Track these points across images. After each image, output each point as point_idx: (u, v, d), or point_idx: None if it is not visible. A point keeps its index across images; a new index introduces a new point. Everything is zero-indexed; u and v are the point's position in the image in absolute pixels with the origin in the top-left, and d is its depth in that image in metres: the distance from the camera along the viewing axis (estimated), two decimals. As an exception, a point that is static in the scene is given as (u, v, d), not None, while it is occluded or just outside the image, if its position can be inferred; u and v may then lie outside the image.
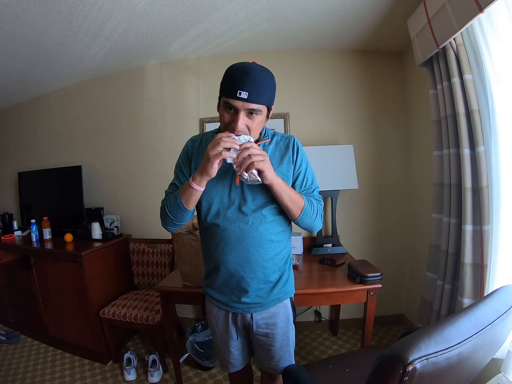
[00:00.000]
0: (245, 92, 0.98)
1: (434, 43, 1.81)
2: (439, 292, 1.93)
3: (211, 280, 1.31)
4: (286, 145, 1.25)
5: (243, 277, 1.21)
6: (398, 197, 2.80)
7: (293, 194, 1.14)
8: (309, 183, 1.27)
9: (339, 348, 2.57)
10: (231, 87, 1.01)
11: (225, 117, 1.07)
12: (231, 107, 1.03)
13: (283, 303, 1.32)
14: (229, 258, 1.20)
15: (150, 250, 2.82)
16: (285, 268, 1.31)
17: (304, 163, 1.27)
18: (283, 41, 2.58)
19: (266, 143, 1.24)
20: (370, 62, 2.74)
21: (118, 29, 2.19)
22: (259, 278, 1.22)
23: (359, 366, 1.64)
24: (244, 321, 1.32)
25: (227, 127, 1.07)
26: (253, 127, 1.07)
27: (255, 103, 1.02)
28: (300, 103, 2.79)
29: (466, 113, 1.69)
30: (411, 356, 0.71)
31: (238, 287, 1.24)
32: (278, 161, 1.22)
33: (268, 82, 1.07)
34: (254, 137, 1.09)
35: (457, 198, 1.80)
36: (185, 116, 2.90)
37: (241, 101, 1.00)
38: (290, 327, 1.36)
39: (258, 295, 1.25)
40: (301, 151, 1.26)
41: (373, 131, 2.77)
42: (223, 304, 1.31)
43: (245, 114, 1.04)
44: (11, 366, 2.49)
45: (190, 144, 1.30)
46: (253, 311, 1.27)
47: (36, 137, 3.41)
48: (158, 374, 2.29)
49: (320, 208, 1.26)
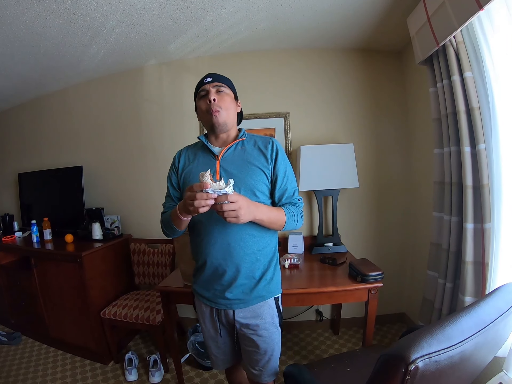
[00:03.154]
0: (209, 78, 1.28)
1: (434, 41, 1.80)
2: (441, 291, 1.92)
3: (198, 276, 1.36)
4: (265, 145, 1.32)
5: (226, 271, 1.25)
6: (399, 196, 2.79)
7: (273, 217, 1.22)
8: (289, 185, 1.33)
9: (340, 347, 2.57)
10: (200, 82, 1.31)
11: (201, 106, 1.29)
12: (203, 92, 1.28)
13: (267, 303, 1.33)
14: (213, 252, 1.25)
15: (151, 250, 2.82)
16: (269, 266, 1.33)
17: (284, 164, 1.32)
18: (282, 40, 2.58)
19: (244, 141, 1.35)
20: (369, 61, 2.74)
21: (117, 29, 2.19)
22: (241, 273, 1.25)
23: (360, 365, 1.64)
24: (228, 318, 1.33)
25: (207, 114, 1.27)
26: (224, 106, 1.26)
27: (219, 82, 1.28)
28: (300, 102, 2.78)
29: (466, 111, 1.69)
30: (413, 355, 0.71)
31: (221, 281, 1.27)
32: (255, 157, 1.29)
33: (225, 77, 1.35)
34: (230, 123, 1.31)
35: (458, 196, 1.80)
36: (185, 116, 2.90)
37: (208, 83, 1.27)
38: (275, 329, 1.35)
39: (241, 291, 1.28)
40: (282, 151, 1.33)
41: (373, 130, 2.77)
42: (207, 300, 1.34)
43: (214, 92, 1.26)
44: (12, 367, 2.49)
45: (177, 156, 1.43)
46: (235, 307, 1.29)
47: (36, 138, 3.41)
48: (159, 374, 2.29)
49: (300, 211, 1.35)
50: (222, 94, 1.27)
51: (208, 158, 1.32)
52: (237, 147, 1.33)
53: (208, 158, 1.32)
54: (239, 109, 1.40)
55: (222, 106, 1.25)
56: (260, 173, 1.26)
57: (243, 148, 1.32)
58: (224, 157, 1.30)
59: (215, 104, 1.23)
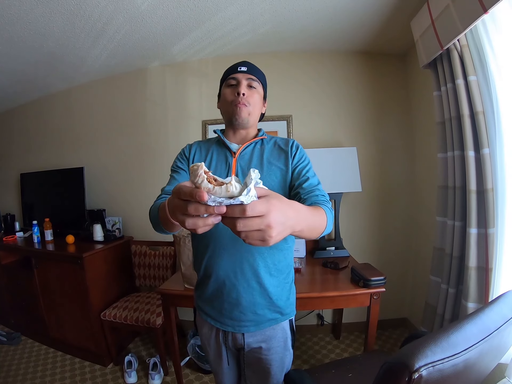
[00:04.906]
0: (245, 67, 1.14)
1: (438, 44, 1.80)
2: (443, 296, 1.91)
3: (202, 291, 1.18)
4: (285, 144, 1.20)
5: (235, 286, 1.07)
6: (402, 200, 2.78)
7: (316, 222, 0.79)
8: (312, 176, 1.10)
9: (341, 352, 2.55)
10: (232, 67, 1.16)
11: (227, 95, 1.14)
12: (233, 81, 1.14)
13: (281, 326, 1.17)
14: (220, 263, 1.07)
15: (152, 252, 2.81)
16: (286, 283, 1.17)
17: (306, 157, 1.18)
18: (286, 43, 2.58)
19: (264, 140, 1.22)
20: (372, 64, 2.74)
21: (120, 31, 2.19)
22: (254, 289, 1.08)
23: (362, 370, 1.62)
24: (235, 342, 1.17)
25: (231, 105, 1.13)
26: (253, 102, 1.14)
27: (254, 75, 1.15)
28: (303, 105, 2.78)
29: (470, 115, 1.68)
30: (417, 363, 0.70)
31: (229, 299, 1.09)
32: (275, 157, 1.16)
33: (261, 71, 1.21)
34: (252, 120, 1.17)
35: (462, 200, 1.79)
36: (188, 118, 2.90)
37: (242, 73, 1.13)
38: (287, 352, 1.22)
39: (253, 312, 1.10)
40: (302, 149, 1.20)
41: (376, 133, 2.76)
42: (212, 318, 1.16)
43: (246, 86, 1.13)
44: (11, 367, 2.48)
45: (187, 148, 1.29)
46: (245, 330, 1.13)
47: (39, 139, 3.41)
48: (159, 377, 2.27)
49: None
50: (253, 90, 1.14)
51: (223, 155, 1.17)
52: (257, 145, 1.20)
53: (223, 155, 1.17)
54: (264, 110, 1.26)
55: (250, 102, 1.12)
56: (280, 174, 1.11)
57: (262, 147, 1.19)
58: (242, 154, 1.16)
59: (243, 98, 1.10)
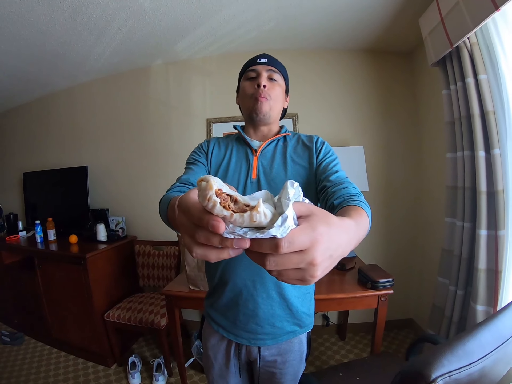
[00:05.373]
0: (264, 59, 1.06)
1: (448, 42, 1.76)
2: (451, 298, 1.89)
3: (215, 299, 1.10)
4: (310, 140, 1.12)
5: (253, 296, 1.01)
6: (409, 200, 2.74)
7: (361, 232, 0.61)
8: (341, 169, 1.02)
9: (347, 353, 2.53)
10: (251, 59, 1.09)
11: (247, 88, 1.07)
12: (253, 73, 1.06)
13: (298, 338, 1.10)
14: (238, 270, 1.01)
15: (156, 252, 2.79)
16: (307, 293, 1.11)
17: (333, 153, 1.10)
18: (291, 41, 2.54)
19: (287, 137, 1.14)
20: (379, 62, 2.70)
21: (123, 28, 2.16)
22: (274, 300, 1.02)
23: (369, 374, 1.61)
24: (249, 355, 1.10)
25: (251, 98, 1.05)
26: (274, 96, 1.06)
27: (275, 67, 1.07)
28: (308, 104, 2.74)
29: (481, 115, 1.65)
30: (434, 373, 0.68)
31: (245, 309, 1.03)
32: (300, 155, 1.08)
33: (281, 63, 1.12)
34: (273, 115, 1.08)
35: (471, 202, 1.76)
36: (192, 116, 2.87)
37: (262, 65, 1.06)
38: (301, 365, 1.15)
39: (270, 324, 1.03)
40: (328, 145, 1.12)
41: (383, 132, 2.72)
42: (224, 330, 1.08)
43: (266, 78, 1.05)
44: (14, 368, 2.46)
45: (205, 143, 1.16)
46: (261, 343, 1.05)
47: (41, 138, 3.39)
48: (163, 378, 2.26)
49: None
50: (274, 83, 1.06)
51: (243, 152, 1.11)
52: (279, 142, 1.12)
53: (243, 152, 1.11)
54: (286, 105, 1.17)
55: (272, 95, 1.04)
56: (305, 174, 1.04)
57: (285, 144, 1.12)
58: (264, 152, 1.09)
59: (264, 91, 1.02)
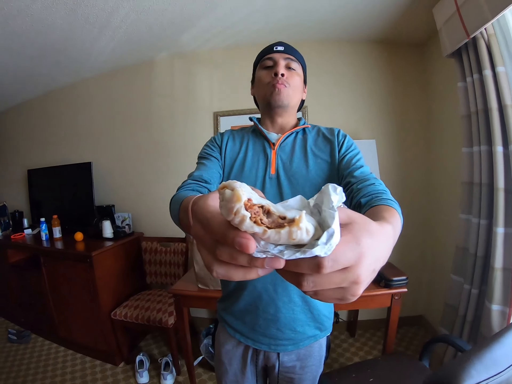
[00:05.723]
0: (281, 46, 1.00)
1: (464, 32, 1.70)
2: (465, 297, 1.84)
3: (231, 303, 1.05)
4: (331, 132, 1.06)
5: (274, 300, 0.96)
6: (421, 195, 2.67)
7: (396, 238, 0.56)
8: (365, 164, 0.95)
9: (357, 351, 2.50)
10: (267, 48, 1.02)
11: (263, 77, 1.00)
12: (269, 61, 1.00)
13: (318, 343, 1.06)
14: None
15: (163, 249, 2.75)
16: None
17: (356, 147, 1.02)
18: (300, 32, 2.46)
19: (306, 129, 1.08)
20: (390, 53, 2.61)
21: (126, 20, 2.09)
22: (296, 304, 0.97)
23: (383, 374, 1.58)
24: (267, 361, 1.05)
25: (267, 86, 0.98)
26: (293, 84, 0.99)
27: (291, 55, 1.00)
28: (318, 96, 2.65)
29: (498, 108, 1.60)
30: None
31: (265, 314, 0.98)
32: (321, 148, 1.02)
33: (299, 52, 1.06)
34: (292, 105, 1.02)
35: (488, 198, 1.70)
36: (198, 110, 2.81)
37: (279, 53, 0.99)
38: (319, 369, 1.10)
39: (291, 329, 0.98)
40: (350, 138, 1.05)
41: (395, 125, 2.64)
42: (242, 335, 1.03)
43: (284, 66, 0.99)
44: (21, 367, 2.45)
45: (218, 136, 1.10)
46: (281, 349, 1.00)
47: (45, 134, 3.36)
48: (171, 377, 2.24)
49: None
50: (292, 72, 0.99)
51: (260, 146, 1.04)
52: (298, 135, 1.06)
53: (260, 146, 1.04)
54: (304, 96, 1.11)
55: (290, 83, 0.98)
56: (328, 169, 0.98)
57: (305, 136, 1.05)
58: (282, 145, 1.03)
59: (282, 79, 0.96)
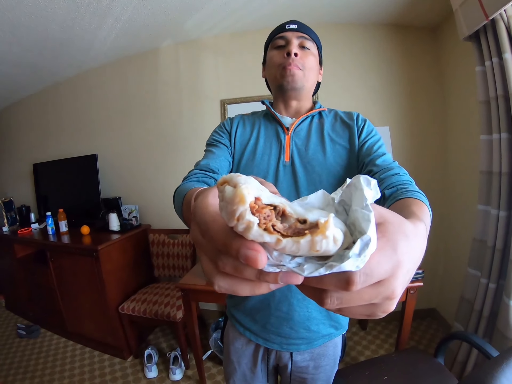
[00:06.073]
0: (294, 25, 0.92)
1: (483, 14, 1.60)
2: (482, 291, 1.77)
3: (241, 299, 1.00)
4: (349, 117, 0.97)
5: (287, 298, 0.91)
6: (436, 185, 2.56)
7: (428, 232, 0.51)
8: (386, 152, 0.87)
9: (368, 344, 2.45)
10: (279, 26, 0.95)
11: (275, 57, 0.93)
12: (281, 40, 0.92)
13: (333, 342, 1.00)
14: None
15: (171, 241, 2.72)
16: None
17: (376, 133, 0.94)
18: (308, 15, 2.35)
19: (323, 113, 1.00)
20: (401, 37, 2.49)
21: (128, 7, 2.02)
22: (310, 302, 0.91)
23: (397, 372, 1.53)
24: (279, 360, 1.01)
25: (279, 68, 0.91)
26: (307, 64, 0.91)
27: (305, 33, 0.92)
28: (327, 81, 2.51)
29: (520, 93, 1.50)
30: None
31: (278, 312, 0.93)
32: (338, 133, 0.94)
33: (313, 31, 0.97)
34: (307, 88, 0.95)
35: (508, 188, 1.62)
36: (205, 98, 2.74)
37: (292, 31, 0.91)
38: (334, 369, 1.05)
39: (305, 328, 0.93)
40: (370, 123, 0.96)
41: (409, 112, 2.53)
42: (253, 334, 0.99)
43: (297, 46, 0.91)
44: (30, 362, 2.44)
45: (228, 121, 1.04)
46: (294, 348, 0.96)
47: (50, 128, 3.33)
48: (180, 371, 2.22)
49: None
50: (307, 51, 0.91)
51: (273, 130, 0.97)
52: (314, 119, 0.98)
53: (273, 130, 0.97)
54: (320, 78, 1.03)
55: (305, 65, 0.90)
56: (347, 157, 0.90)
57: (321, 121, 0.97)
58: (297, 130, 0.95)
59: (295, 59, 0.88)
